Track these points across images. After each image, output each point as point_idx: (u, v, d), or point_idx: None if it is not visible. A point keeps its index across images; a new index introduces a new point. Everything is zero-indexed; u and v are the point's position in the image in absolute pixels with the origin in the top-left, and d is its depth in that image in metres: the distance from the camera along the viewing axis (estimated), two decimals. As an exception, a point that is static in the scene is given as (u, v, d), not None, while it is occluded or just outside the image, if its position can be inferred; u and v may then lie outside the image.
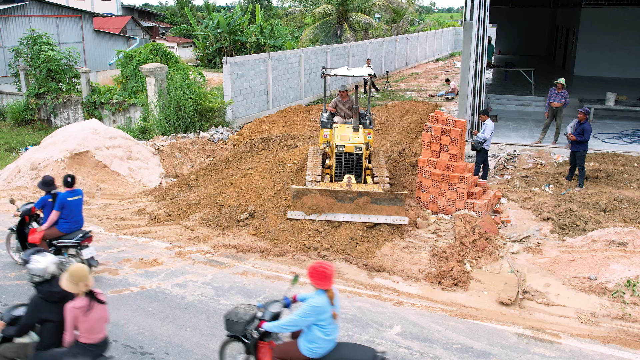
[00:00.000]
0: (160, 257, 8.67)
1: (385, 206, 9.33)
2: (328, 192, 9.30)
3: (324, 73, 10.93)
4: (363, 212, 9.32)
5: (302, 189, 9.41)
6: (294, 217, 9.39)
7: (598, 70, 24.73)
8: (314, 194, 9.31)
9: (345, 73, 10.80)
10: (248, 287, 7.77)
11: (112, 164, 12.08)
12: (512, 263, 8.63)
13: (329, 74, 10.84)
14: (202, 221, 10.17)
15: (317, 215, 9.31)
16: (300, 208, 9.37)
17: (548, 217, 10.14)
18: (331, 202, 9.32)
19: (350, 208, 9.33)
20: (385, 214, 9.33)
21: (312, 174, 10.30)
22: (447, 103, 22.08)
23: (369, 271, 8.34)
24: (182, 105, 15.98)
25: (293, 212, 9.39)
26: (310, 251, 8.97)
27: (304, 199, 9.36)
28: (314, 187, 9.63)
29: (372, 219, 9.29)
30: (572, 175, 11.96)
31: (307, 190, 9.36)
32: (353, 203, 9.32)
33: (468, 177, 10.19)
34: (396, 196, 9.30)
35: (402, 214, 9.38)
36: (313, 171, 10.41)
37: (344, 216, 9.28)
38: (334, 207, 9.31)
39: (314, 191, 9.33)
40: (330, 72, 10.93)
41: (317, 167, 10.55)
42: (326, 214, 9.31)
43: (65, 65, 19.33)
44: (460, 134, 10.34)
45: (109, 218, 10.43)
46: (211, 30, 38.26)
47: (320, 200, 9.30)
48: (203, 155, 13.99)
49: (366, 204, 9.33)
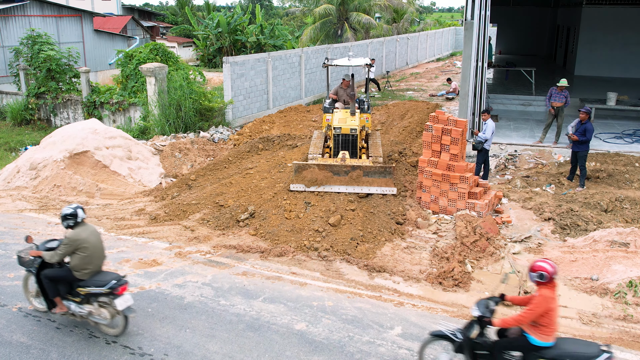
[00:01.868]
0: (159, 258, 8.63)
1: (376, 178, 10.35)
2: (325, 167, 10.33)
3: (325, 63, 12.22)
4: (356, 184, 10.32)
5: (302, 164, 10.39)
6: (295, 189, 10.31)
7: (599, 70, 24.68)
8: (312, 168, 10.33)
9: (346, 63, 12.00)
10: (248, 287, 7.73)
11: (111, 164, 12.04)
12: (514, 263, 8.59)
13: (330, 64, 12.11)
14: (202, 221, 10.14)
15: (315, 187, 10.29)
16: (301, 181, 10.37)
17: (549, 217, 10.10)
18: (328, 175, 10.33)
19: (345, 180, 10.33)
20: (376, 185, 10.31)
21: (313, 153, 11.39)
22: (447, 103, 22.04)
23: (370, 272, 8.30)
24: (182, 105, 15.94)
25: (295, 185, 10.35)
26: (310, 251, 8.93)
27: (304, 173, 10.35)
28: (313, 162, 10.62)
29: (364, 189, 10.25)
30: (573, 175, 11.92)
31: (307, 165, 10.35)
32: (347, 176, 10.33)
33: (469, 177, 10.15)
34: (385, 169, 10.31)
35: (390, 185, 10.33)
36: (314, 150, 11.54)
37: (339, 188, 10.27)
38: (331, 180, 10.34)
39: (313, 166, 10.34)
40: (332, 62, 12.17)
41: (318, 147, 11.65)
42: (324, 186, 10.28)
43: (65, 65, 19.29)
44: (461, 134, 10.30)
45: (108, 218, 10.39)
46: (211, 30, 38.22)
47: (319, 174, 10.32)
48: (203, 155, 13.95)
49: (359, 176, 10.32)
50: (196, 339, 6.47)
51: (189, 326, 6.73)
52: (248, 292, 7.60)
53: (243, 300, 7.37)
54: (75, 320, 6.75)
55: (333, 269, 8.40)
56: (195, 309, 7.12)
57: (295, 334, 6.60)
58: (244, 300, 7.35)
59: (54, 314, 6.64)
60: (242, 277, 8.03)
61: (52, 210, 10.75)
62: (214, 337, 6.48)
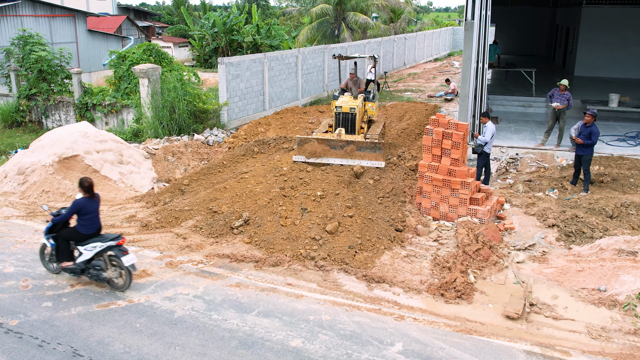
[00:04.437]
0: (150, 268, 8.28)
1: (367, 153, 11.36)
2: (323, 141, 11.50)
3: (334, 55, 14.02)
4: (350, 157, 11.37)
5: (304, 137, 11.61)
6: (297, 160, 11.47)
7: (599, 70, 24.41)
8: (312, 142, 11.51)
9: (354, 55, 14.17)
10: (241, 300, 7.40)
11: (102, 168, 11.69)
12: (518, 273, 8.28)
13: (341, 57, 13.94)
14: (195, 229, 9.79)
15: (314, 159, 11.42)
16: (302, 153, 11.50)
17: (553, 223, 9.80)
18: (326, 149, 11.45)
19: (341, 154, 11.43)
20: (367, 159, 11.31)
21: (317, 130, 12.96)
22: (446, 104, 21.73)
23: (369, 282, 7.98)
24: (175, 107, 15.58)
25: (297, 156, 11.52)
26: (307, 261, 8.61)
27: (305, 146, 11.53)
28: (313, 136, 11.94)
29: (356, 162, 11.29)
30: (576, 179, 11.62)
31: (308, 139, 11.57)
32: (342, 150, 11.42)
33: (470, 182, 9.84)
34: (376, 145, 11.33)
35: (380, 159, 11.34)
36: (318, 128, 13.11)
37: (335, 160, 11.38)
38: (328, 153, 11.45)
39: (313, 139, 11.55)
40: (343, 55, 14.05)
41: (324, 127, 13.23)
42: (321, 158, 11.41)
43: (56, 66, 18.88)
44: (462, 138, 9.99)
45: (98, 225, 10.02)
46: (207, 30, 37.81)
47: (317, 147, 11.45)
48: (197, 159, 13.60)
49: (353, 150, 11.39)
50: (186, 357, 6.13)
51: (179, 343, 6.39)
52: (241, 305, 7.26)
53: (236, 314, 7.04)
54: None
55: (330, 279, 8.07)
56: (185, 324, 6.78)
57: (291, 351, 6.27)
58: (237, 315, 7.02)
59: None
60: (236, 289, 7.69)
61: (39, 217, 10.39)
62: (205, 356, 6.15)
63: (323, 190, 10.78)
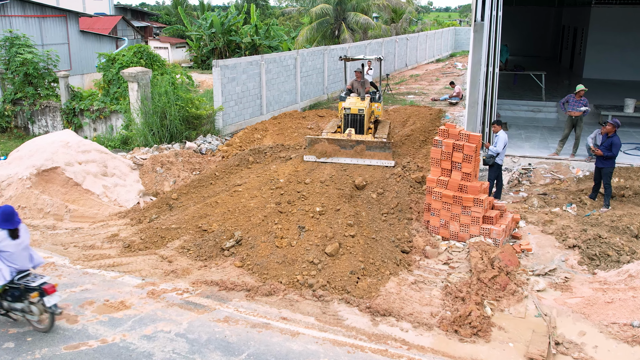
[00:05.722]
0: (129, 299, 7.44)
1: (377, 152, 11.61)
2: (333, 141, 11.76)
3: (341, 57, 14.43)
4: (360, 156, 11.61)
5: (314, 137, 11.86)
6: (308, 160, 11.67)
7: (609, 72, 23.52)
8: (323, 142, 11.79)
9: (360, 56, 14.60)
10: (230, 339, 6.55)
11: (84, 181, 10.84)
12: (539, 304, 7.43)
13: (347, 59, 14.36)
14: (182, 250, 8.95)
15: (325, 158, 11.63)
16: (312, 153, 11.72)
17: (574, 244, 8.95)
18: (336, 148, 11.74)
19: (350, 154, 11.65)
20: (377, 159, 11.54)
21: (326, 131, 12.94)
22: (451, 108, 20.87)
23: (373, 316, 7.14)
24: (167, 112, 14.72)
25: (307, 156, 11.71)
26: (304, 289, 7.77)
27: (316, 146, 11.77)
28: (323, 136, 12.17)
29: (366, 162, 11.50)
30: (596, 193, 10.77)
31: (318, 139, 11.83)
32: (352, 150, 11.67)
33: (484, 199, 8.98)
34: (385, 144, 11.64)
35: (389, 158, 11.57)
36: (328, 129, 13.14)
37: (345, 160, 11.59)
38: (338, 153, 11.69)
39: (323, 139, 11.82)
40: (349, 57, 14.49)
41: (332, 127, 13.22)
42: (332, 157, 11.63)
43: (43, 69, 18.01)
44: (475, 150, 9.14)
45: (76, 246, 9.18)
46: (205, 30, 36.96)
47: (328, 147, 11.74)
48: (188, 169, 12.75)
49: (362, 150, 11.65)
50: (162, 414, 5.29)
51: (156, 395, 5.55)
52: (229, 345, 6.41)
53: (223, 357, 6.19)
54: None
55: (330, 312, 7.22)
56: (164, 371, 5.94)
57: (284, 406, 5.43)
58: (224, 358, 6.17)
59: None
60: (224, 325, 6.84)
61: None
62: (184, 413, 5.31)
63: (322, 205, 9.95)
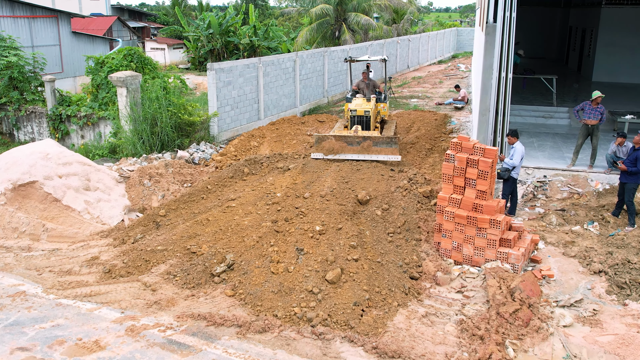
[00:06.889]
0: (104, 337, 6.59)
1: (384, 148, 11.71)
2: (340, 137, 11.93)
3: (346, 59, 14.72)
4: (367, 152, 11.73)
5: (322, 135, 12.03)
6: (316, 157, 11.84)
7: (619, 75, 22.69)
8: (330, 139, 11.94)
9: (365, 58, 14.63)
10: (216, 389, 5.71)
11: (64, 196, 9.99)
12: (567, 343, 6.59)
13: (351, 60, 14.66)
14: (168, 276, 8.11)
15: (332, 155, 11.78)
16: (320, 150, 11.90)
17: (600, 269, 8.13)
18: (343, 145, 11.87)
19: (357, 150, 11.80)
20: (384, 154, 11.63)
21: (334, 128, 13.44)
22: (457, 113, 20.02)
23: (380, 357, 6.30)
24: (157, 119, 13.88)
25: (315, 154, 11.89)
26: (302, 324, 6.93)
27: (323, 143, 11.93)
28: (330, 133, 12.35)
29: (373, 157, 11.62)
30: (619, 210, 9.93)
31: (325, 137, 11.98)
32: (359, 146, 11.81)
33: (501, 220, 8.14)
34: (391, 139, 11.73)
35: (396, 153, 11.69)
36: (334, 128, 13.54)
37: (352, 156, 11.72)
38: (345, 149, 11.83)
39: (330, 137, 11.97)
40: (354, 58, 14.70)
41: (339, 128, 13.55)
42: (339, 154, 11.78)
43: (29, 72, 17.18)
44: (491, 166, 8.31)
45: (52, 271, 8.34)
46: (202, 31, 36.10)
47: (335, 144, 11.89)
48: (178, 182, 11.90)
49: (369, 146, 11.77)
50: None
51: None
52: (216, 398, 5.58)
53: (208, 413, 5.36)
54: None
55: (332, 353, 6.38)
56: None
57: None
58: (209, 415, 5.34)
59: None
60: (210, 371, 6.01)
61: (-15, 259, 8.70)
62: None
63: (323, 223, 9.12)
